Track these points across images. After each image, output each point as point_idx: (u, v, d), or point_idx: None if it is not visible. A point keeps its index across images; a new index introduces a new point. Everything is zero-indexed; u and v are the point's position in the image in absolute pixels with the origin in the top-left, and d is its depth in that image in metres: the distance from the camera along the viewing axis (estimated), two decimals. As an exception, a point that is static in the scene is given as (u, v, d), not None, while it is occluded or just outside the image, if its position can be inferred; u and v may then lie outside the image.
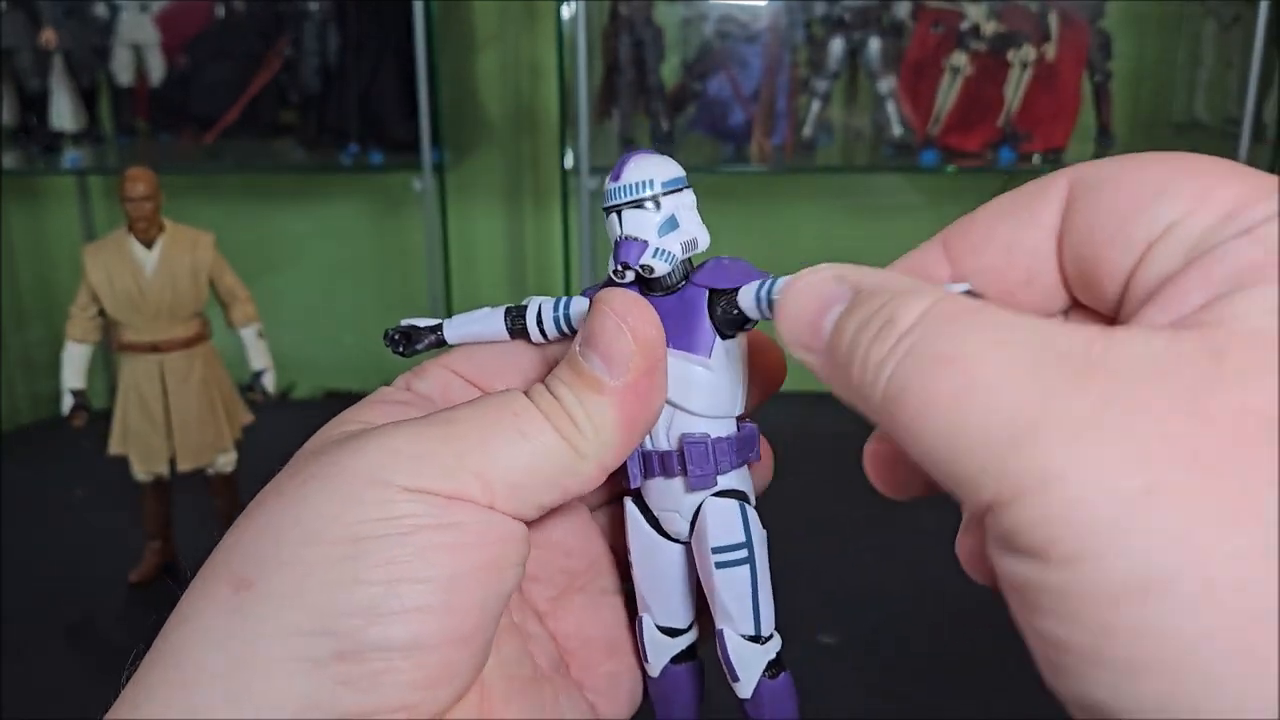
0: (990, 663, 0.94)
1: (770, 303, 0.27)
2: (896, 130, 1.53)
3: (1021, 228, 0.24)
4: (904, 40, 1.52)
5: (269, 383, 1.10)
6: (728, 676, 0.29)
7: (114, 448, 1.06)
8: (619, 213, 0.27)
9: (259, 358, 1.10)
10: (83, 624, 1.03)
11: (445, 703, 0.24)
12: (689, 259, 0.28)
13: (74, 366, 1.05)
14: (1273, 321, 0.18)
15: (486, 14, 1.69)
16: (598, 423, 0.25)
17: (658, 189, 0.27)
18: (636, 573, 0.30)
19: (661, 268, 0.27)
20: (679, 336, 0.28)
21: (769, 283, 0.27)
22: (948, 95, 1.50)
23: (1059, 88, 1.50)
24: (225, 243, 1.07)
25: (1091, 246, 0.22)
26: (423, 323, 0.31)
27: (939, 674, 0.93)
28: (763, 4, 1.54)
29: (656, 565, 0.30)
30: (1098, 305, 0.23)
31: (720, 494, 0.28)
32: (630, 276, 0.28)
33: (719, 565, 0.28)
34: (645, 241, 0.27)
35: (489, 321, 0.30)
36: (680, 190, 0.28)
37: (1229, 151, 1.42)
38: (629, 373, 0.26)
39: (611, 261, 0.28)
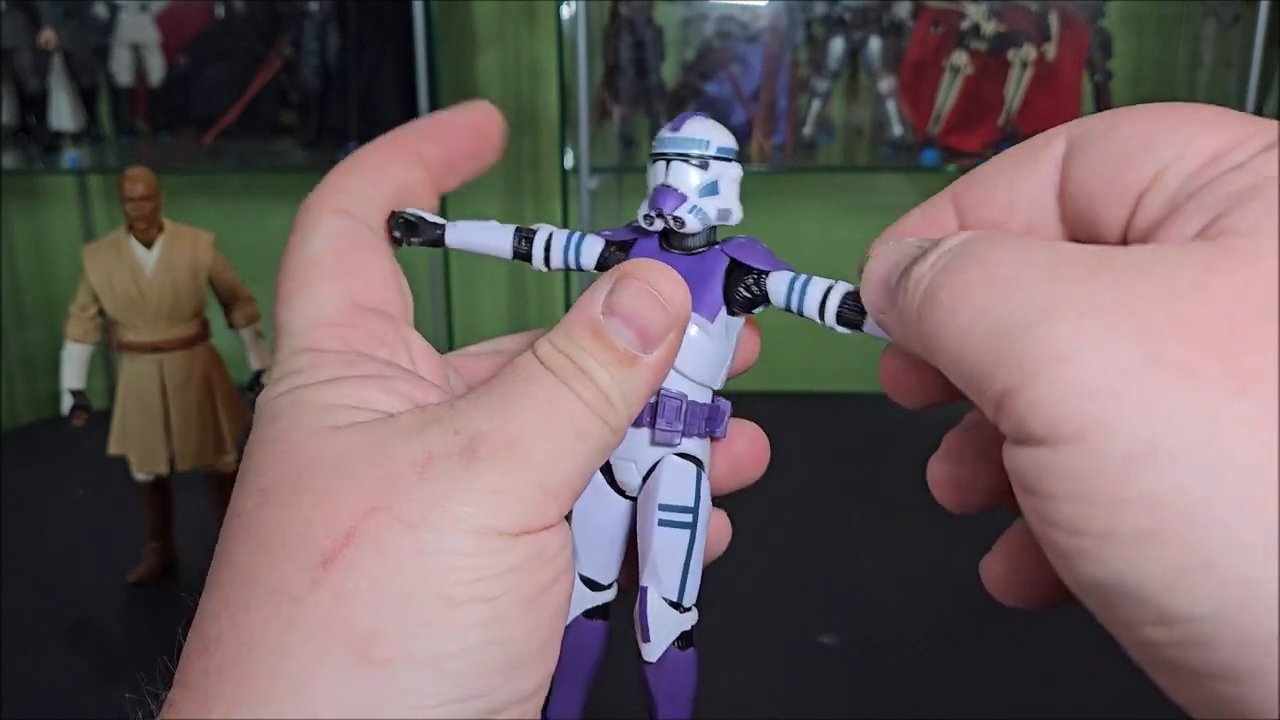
0: (990, 663, 0.94)
1: (803, 300, 0.27)
2: (897, 130, 1.53)
3: (1022, 182, 0.25)
4: (904, 40, 1.52)
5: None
6: (639, 636, 0.29)
7: (114, 448, 1.06)
8: (667, 162, 0.28)
9: (259, 357, 1.09)
10: (83, 624, 1.03)
11: None
12: (714, 229, 0.29)
13: (73, 366, 1.05)
14: (1270, 219, 0.19)
15: (486, 14, 1.69)
16: (629, 395, 0.25)
17: (711, 150, 0.27)
18: (574, 517, 0.30)
19: (693, 225, 0.28)
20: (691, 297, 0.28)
21: (803, 280, 0.28)
22: (948, 95, 1.50)
23: (1059, 87, 1.50)
24: (225, 243, 1.06)
25: (1089, 201, 0.23)
26: (430, 218, 0.31)
27: (939, 675, 0.93)
28: (763, 4, 1.53)
29: (597, 514, 0.30)
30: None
31: (680, 455, 0.29)
32: (659, 226, 0.28)
33: (661, 522, 0.28)
34: (685, 196, 0.27)
35: (495, 235, 0.30)
36: (730, 161, 0.28)
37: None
38: (662, 348, 0.26)
39: (644, 206, 0.28)
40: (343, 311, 0.27)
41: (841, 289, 0.27)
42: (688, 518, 0.28)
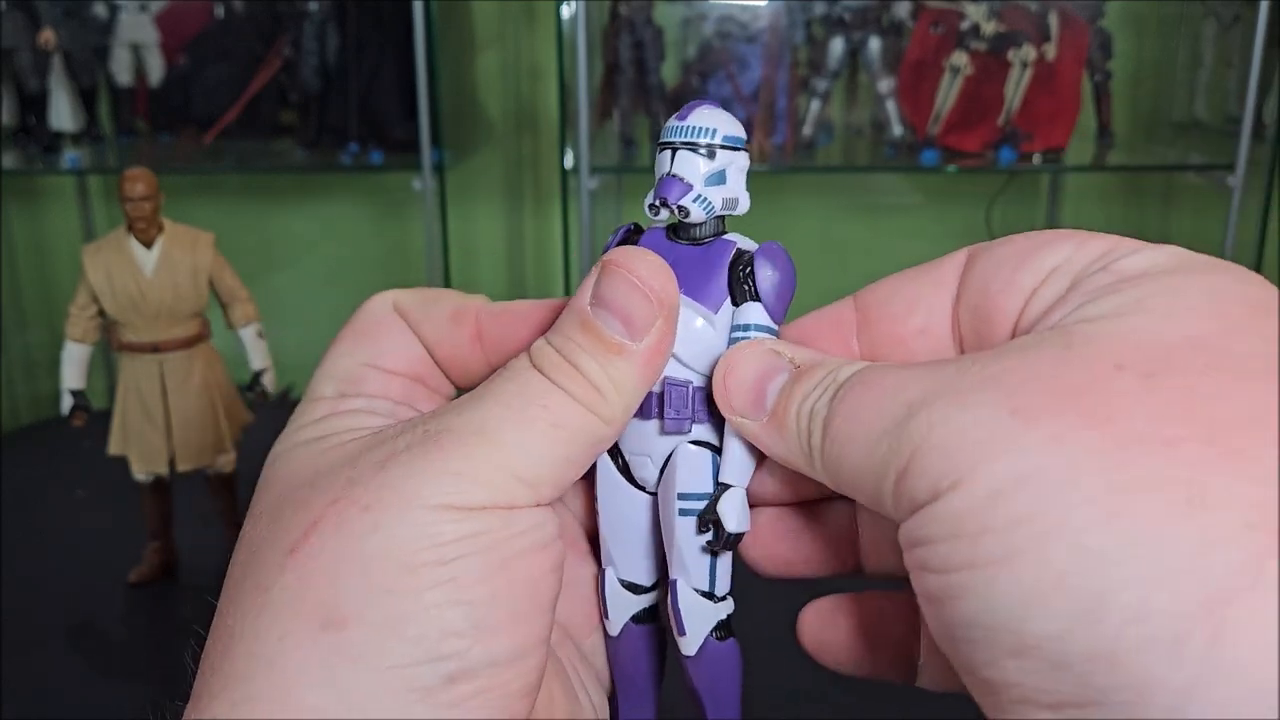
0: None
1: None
2: (896, 130, 1.53)
3: (924, 285, 0.27)
4: (904, 40, 1.52)
5: (269, 383, 1.10)
6: (674, 631, 0.28)
7: (114, 448, 1.06)
8: (674, 151, 0.27)
9: (259, 358, 1.09)
10: (83, 624, 1.03)
11: (532, 703, 0.25)
12: (723, 218, 0.28)
13: (73, 367, 1.05)
14: (1123, 308, 0.22)
15: (486, 14, 1.69)
16: (621, 385, 0.26)
17: (717, 139, 0.27)
18: (602, 522, 0.30)
19: (698, 214, 0.27)
20: (693, 285, 0.28)
21: (747, 333, 0.28)
22: (948, 95, 1.50)
23: (1059, 87, 1.50)
24: (225, 243, 1.06)
25: (985, 296, 0.25)
26: None
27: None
28: (763, 4, 1.54)
29: (623, 514, 0.29)
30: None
31: (694, 443, 0.28)
32: (665, 215, 0.28)
33: (682, 512, 0.28)
34: (690, 185, 0.27)
35: None
36: (737, 150, 0.28)
37: (1229, 150, 1.42)
38: (652, 335, 0.26)
39: (650, 195, 0.28)
40: (352, 368, 0.29)
41: None
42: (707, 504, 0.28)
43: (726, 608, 0.29)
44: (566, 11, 1.42)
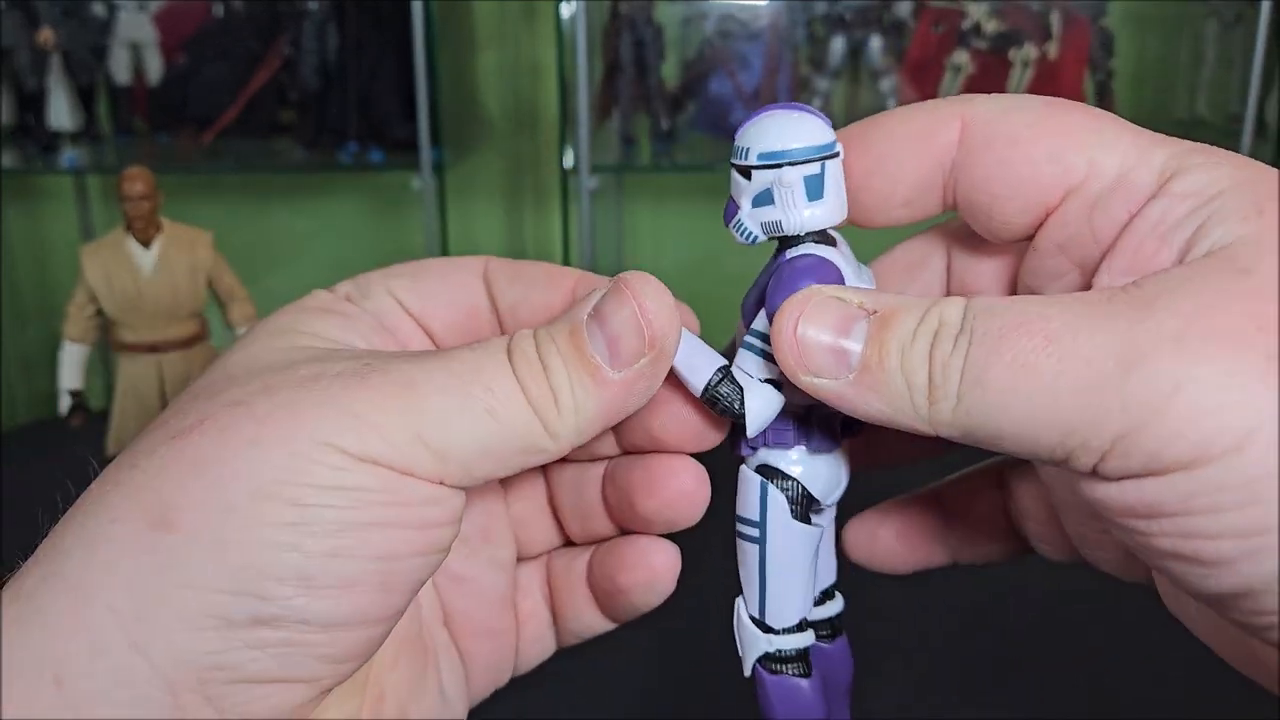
0: (989, 663, 0.94)
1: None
2: (897, 129, 1.52)
3: (908, 159, 0.25)
4: (905, 39, 1.51)
5: (268, 383, 1.10)
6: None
7: (112, 448, 1.06)
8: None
9: (257, 358, 1.09)
10: (81, 625, 1.03)
11: (348, 675, 0.23)
12: (791, 236, 0.26)
13: (71, 367, 1.05)
14: (1235, 237, 0.21)
15: (486, 13, 1.69)
16: (581, 408, 0.24)
17: (751, 159, 0.25)
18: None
19: (739, 240, 0.26)
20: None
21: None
22: (949, 94, 1.49)
23: (1061, 86, 1.50)
24: (224, 242, 1.06)
25: (988, 197, 0.24)
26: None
27: (938, 674, 0.93)
28: (764, 3, 1.53)
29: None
30: (982, 233, 0.26)
31: (759, 468, 0.27)
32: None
33: (737, 535, 0.28)
34: (738, 206, 0.26)
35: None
36: (780, 166, 0.25)
37: (1231, 148, 1.41)
38: (631, 371, 0.24)
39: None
40: (375, 283, 0.29)
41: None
42: (754, 531, 0.27)
43: (780, 643, 0.28)
44: (566, 10, 1.41)
